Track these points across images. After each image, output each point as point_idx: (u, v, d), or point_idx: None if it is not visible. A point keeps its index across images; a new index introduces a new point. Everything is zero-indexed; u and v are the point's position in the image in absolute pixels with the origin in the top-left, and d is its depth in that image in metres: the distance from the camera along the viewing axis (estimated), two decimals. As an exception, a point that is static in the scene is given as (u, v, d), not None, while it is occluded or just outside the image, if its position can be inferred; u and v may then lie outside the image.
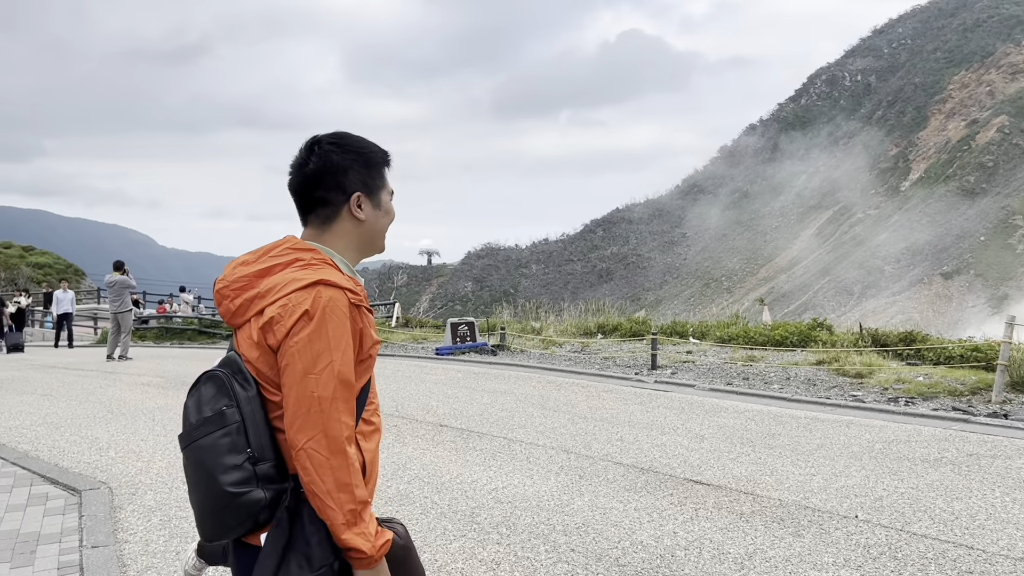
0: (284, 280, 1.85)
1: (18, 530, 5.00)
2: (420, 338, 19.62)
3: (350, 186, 1.99)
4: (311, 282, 1.82)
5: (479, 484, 6.06)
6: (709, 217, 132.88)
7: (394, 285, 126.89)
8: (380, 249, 2.13)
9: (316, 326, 1.79)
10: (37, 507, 5.51)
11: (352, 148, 2.02)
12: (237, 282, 1.91)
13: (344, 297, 1.84)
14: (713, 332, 16.19)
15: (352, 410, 1.83)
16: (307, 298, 1.80)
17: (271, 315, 1.81)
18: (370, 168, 2.04)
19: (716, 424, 8.38)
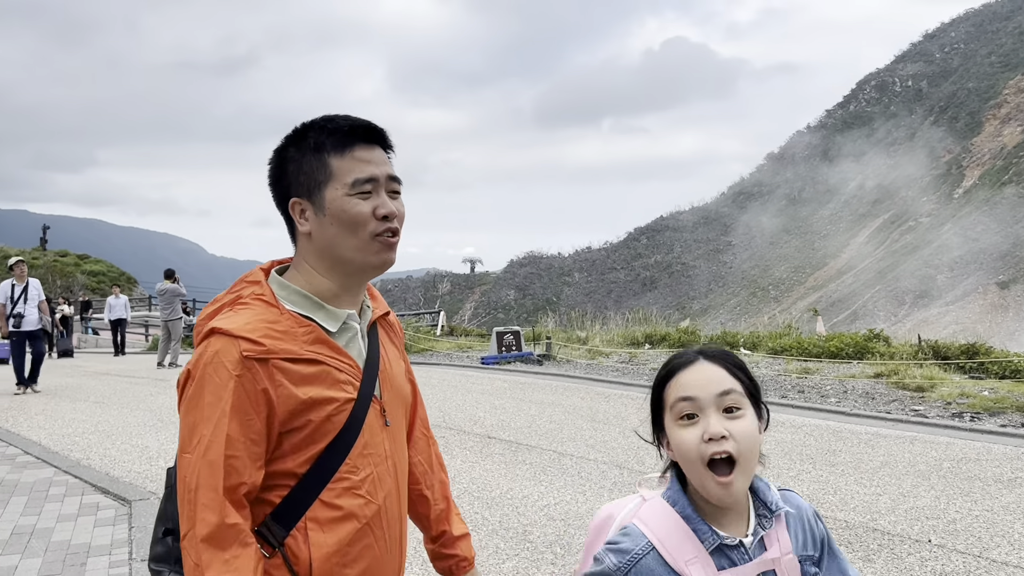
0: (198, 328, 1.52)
1: (69, 541, 4.99)
2: (465, 347, 19.55)
3: (284, 190, 1.53)
4: (206, 332, 1.44)
5: (530, 500, 5.90)
6: (756, 224, 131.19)
7: (438, 293, 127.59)
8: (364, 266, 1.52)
9: (194, 391, 1.40)
10: (88, 517, 5.50)
11: (290, 137, 1.54)
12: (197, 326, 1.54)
13: (234, 350, 1.38)
14: (765, 343, 15.82)
15: (219, 504, 1.34)
16: (195, 354, 1.44)
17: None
18: (306, 157, 1.49)
19: (773, 439, 8.10)
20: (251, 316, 1.43)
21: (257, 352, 1.39)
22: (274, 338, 1.41)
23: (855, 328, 32.57)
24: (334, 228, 1.47)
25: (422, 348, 19.22)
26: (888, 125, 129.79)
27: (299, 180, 1.49)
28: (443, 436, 8.21)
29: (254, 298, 1.47)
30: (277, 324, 1.44)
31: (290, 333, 1.44)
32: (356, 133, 1.50)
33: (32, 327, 11.89)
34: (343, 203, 1.46)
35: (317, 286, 1.51)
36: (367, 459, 1.49)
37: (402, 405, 1.66)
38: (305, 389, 1.42)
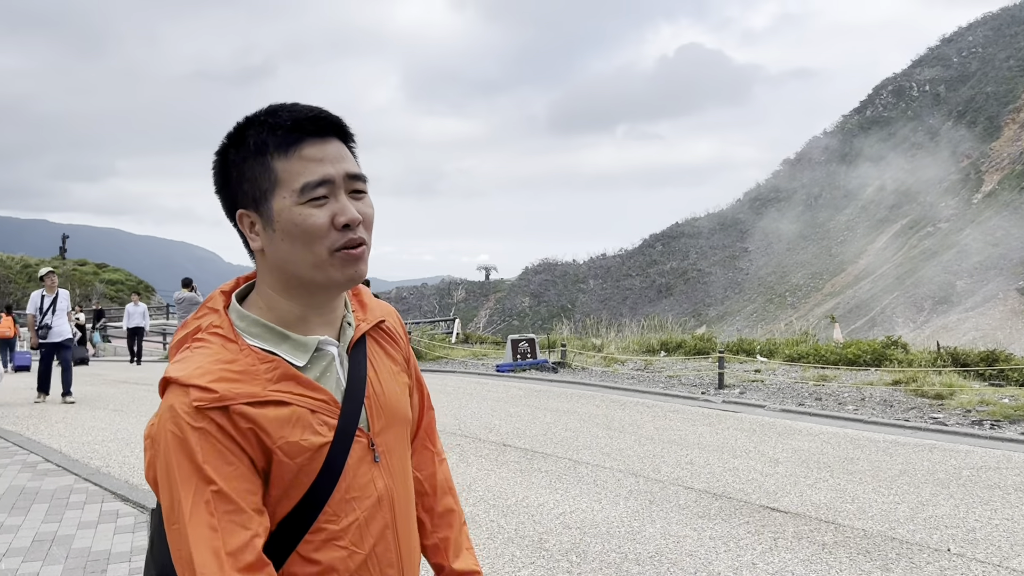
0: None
1: (89, 548, 5.04)
2: (480, 354, 19.57)
3: (230, 200, 1.28)
4: (161, 382, 1.23)
5: (546, 508, 5.90)
6: (773, 230, 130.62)
7: (453, 301, 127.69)
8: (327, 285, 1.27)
9: (161, 458, 1.18)
10: (108, 524, 5.55)
11: (230, 137, 1.28)
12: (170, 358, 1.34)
13: (185, 401, 1.17)
14: (782, 350, 15.74)
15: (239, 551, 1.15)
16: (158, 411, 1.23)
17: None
18: (247, 161, 1.24)
19: (790, 447, 8.06)
20: (204, 357, 1.21)
21: (209, 401, 1.16)
22: (230, 380, 1.19)
23: (873, 335, 32.36)
24: (286, 244, 1.22)
25: (437, 356, 19.26)
26: (906, 130, 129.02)
27: (243, 188, 1.24)
28: (459, 444, 8.23)
29: (211, 332, 1.25)
30: (234, 364, 1.21)
31: (249, 373, 1.21)
32: (302, 127, 1.23)
33: (60, 338, 11.90)
34: (292, 214, 1.21)
35: (279, 311, 1.28)
36: (350, 504, 1.28)
37: (401, 429, 1.41)
38: (272, 438, 1.20)
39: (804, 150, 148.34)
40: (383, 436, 1.35)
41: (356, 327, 1.37)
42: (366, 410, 1.33)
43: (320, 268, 1.23)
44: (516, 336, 17.19)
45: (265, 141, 1.22)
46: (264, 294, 1.29)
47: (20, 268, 47.53)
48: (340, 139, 1.27)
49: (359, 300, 1.44)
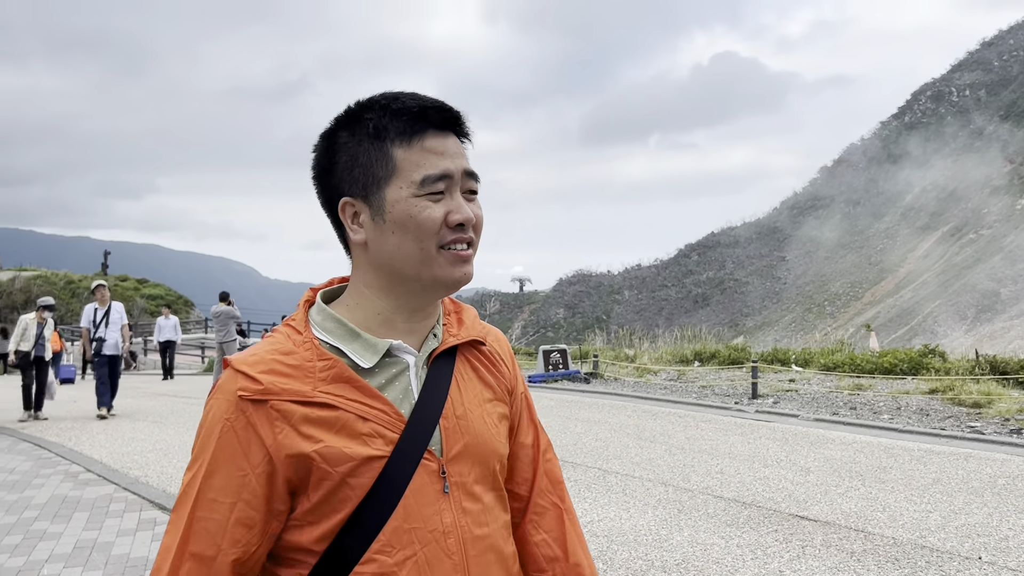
0: None
1: (128, 554, 5.18)
2: (513, 366, 19.58)
3: (333, 187, 1.20)
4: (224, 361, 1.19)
5: (573, 516, 5.93)
6: (810, 239, 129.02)
7: (487, 312, 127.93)
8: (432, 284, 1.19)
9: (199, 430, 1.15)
10: (146, 532, 5.71)
11: (343, 119, 1.20)
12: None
13: (232, 387, 1.12)
14: (817, 359, 15.57)
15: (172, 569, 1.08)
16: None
17: None
18: (362, 145, 1.16)
19: (822, 456, 7.99)
20: (267, 346, 1.16)
21: (252, 392, 1.10)
22: (280, 374, 1.11)
23: (915, 344, 31.78)
24: (396, 237, 1.14)
25: (471, 367, 19.36)
26: (945, 135, 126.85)
27: (353, 175, 1.16)
28: (489, 454, 8.30)
29: (286, 325, 1.20)
30: (290, 356, 1.13)
31: (303, 368, 1.13)
32: (427, 116, 1.16)
33: (112, 351, 11.94)
34: (408, 206, 1.13)
35: (366, 310, 1.20)
36: (409, 535, 1.13)
37: (485, 462, 1.23)
38: (311, 442, 1.10)
39: (842, 157, 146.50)
40: (458, 465, 1.19)
41: (443, 340, 1.25)
42: (441, 431, 1.18)
43: (427, 264, 1.15)
44: (548, 347, 17.24)
45: (386, 126, 1.15)
46: (356, 292, 1.21)
47: (64, 284, 48.68)
48: (458, 136, 1.20)
49: (458, 317, 1.31)
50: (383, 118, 1.15)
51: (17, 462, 8.32)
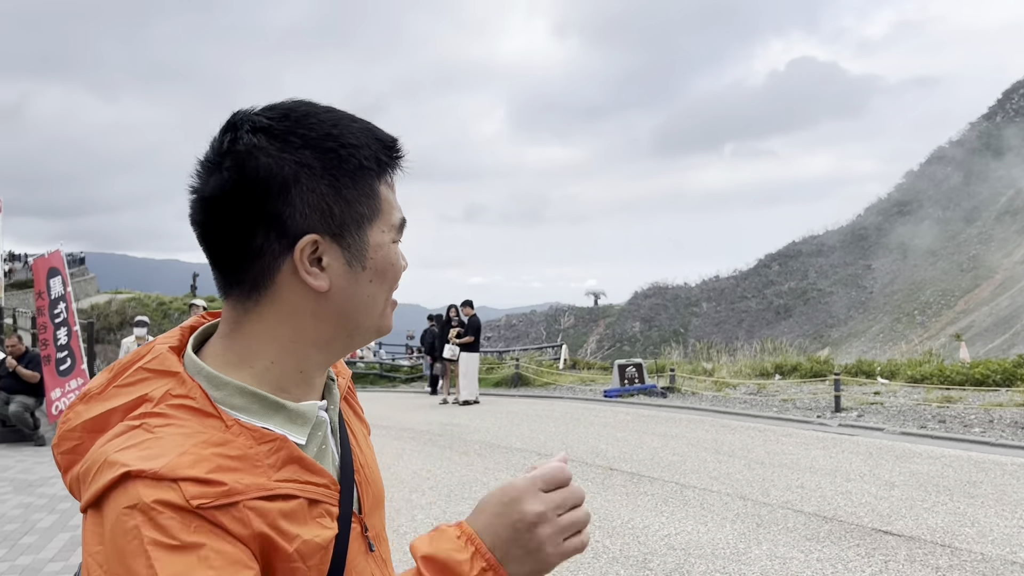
0: (97, 460, 0.86)
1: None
2: (587, 380, 19.65)
3: (297, 219, 0.92)
4: (110, 481, 0.82)
5: (651, 530, 5.98)
6: (898, 246, 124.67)
7: (561, 327, 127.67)
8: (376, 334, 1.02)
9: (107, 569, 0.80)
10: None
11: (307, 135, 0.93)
12: (65, 441, 0.95)
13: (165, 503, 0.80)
14: (903, 371, 15.11)
15: None
16: (102, 521, 0.82)
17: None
18: (342, 177, 0.94)
19: (908, 471, 7.80)
20: (183, 439, 0.86)
21: (215, 497, 0.82)
22: (231, 470, 0.86)
23: (1013, 354, 30.39)
24: (372, 286, 0.98)
25: (545, 382, 19.46)
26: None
27: (327, 208, 0.93)
28: (566, 468, 8.38)
29: (175, 405, 0.90)
30: (227, 447, 0.88)
31: (249, 459, 0.88)
32: (397, 151, 1.00)
33: None
34: (390, 252, 0.99)
35: (287, 368, 0.97)
36: None
37: (382, 508, 1.12)
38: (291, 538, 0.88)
39: (929, 160, 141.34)
40: (372, 518, 1.06)
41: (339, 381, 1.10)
42: (357, 488, 1.04)
43: (384, 315, 1.01)
44: (623, 361, 17.22)
45: (376, 157, 0.96)
46: (270, 349, 0.96)
47: (156, 305, 50.89)
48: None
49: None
50: (368, 148, 0.96)
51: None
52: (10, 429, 10.95)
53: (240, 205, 0.91)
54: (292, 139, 0.92)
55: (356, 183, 0.95)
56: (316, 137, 0.93)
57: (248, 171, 0.91)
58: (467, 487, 7.58)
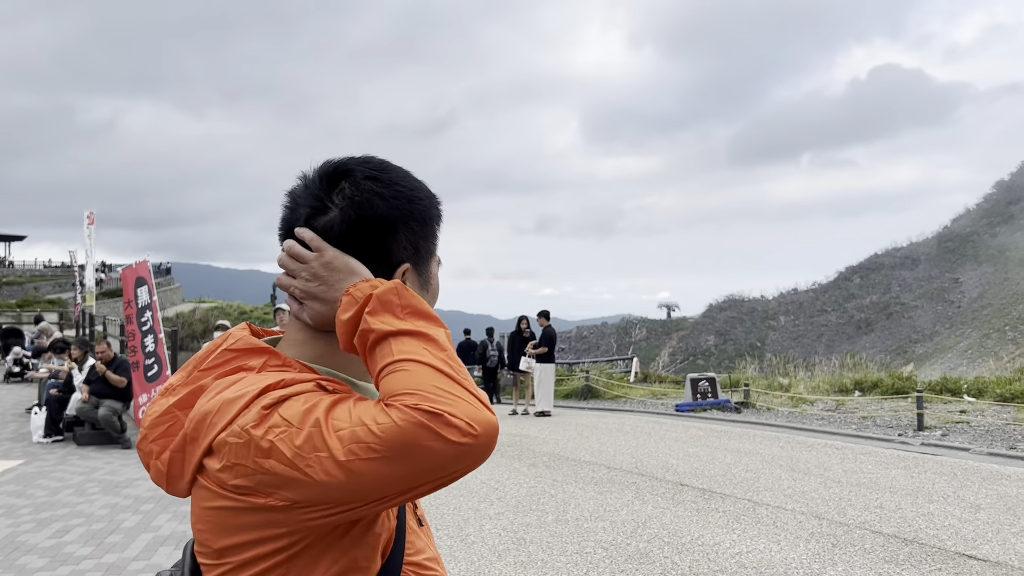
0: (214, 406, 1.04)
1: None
2: (659, 394, 19.41)
3: (398, 252, 1.21)
4: (247, 400, 1.02)
5: (722, 547, 5.87)
6: (987, 259, 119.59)
7: (632, 340, 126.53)
8: None
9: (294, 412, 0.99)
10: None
11: (402, 188, 1.22)
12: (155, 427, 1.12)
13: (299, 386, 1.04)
14: (992, 389, 14.47)
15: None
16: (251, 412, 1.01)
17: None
18: (426, 223, 1.25)
19: (995, 493, 7.46)
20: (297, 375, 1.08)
21: (332, 381, 1.08)
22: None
23: (1111, 372, 28.75)
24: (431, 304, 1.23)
25: (615, 395, 19.31)
26: None
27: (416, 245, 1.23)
28: (635, 482, 8.30)
29: (278, 369, 1.11)
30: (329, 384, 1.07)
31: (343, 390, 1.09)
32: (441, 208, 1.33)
33: None
34: (438, 280, 1.30)
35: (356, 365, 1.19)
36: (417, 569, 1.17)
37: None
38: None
39: (1020, 170, 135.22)
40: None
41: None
42: None
43: None
44: (696, 375, 16.96)
45: (439, 210, 1.29)
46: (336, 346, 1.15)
47: (238, 314, 52.50)
48: None
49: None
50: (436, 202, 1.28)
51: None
52: (99, 432, 11.45)
53: (358, 240, 1.18)
54: (397, 189, 1.21)
55: (427, 227, 1.25)
56: (409, 190, 1.23)
57: (367, 213, 1.18)
58: (535, 499, 7.58)
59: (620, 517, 6.81)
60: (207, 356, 1.16)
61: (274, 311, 11.54)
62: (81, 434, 11.48)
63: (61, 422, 11.80)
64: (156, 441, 1.11)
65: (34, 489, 8.41)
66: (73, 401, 11.71)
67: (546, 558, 5.66)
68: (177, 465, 1.08)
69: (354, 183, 1.19)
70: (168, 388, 1.15)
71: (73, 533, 6.58)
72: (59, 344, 13.51)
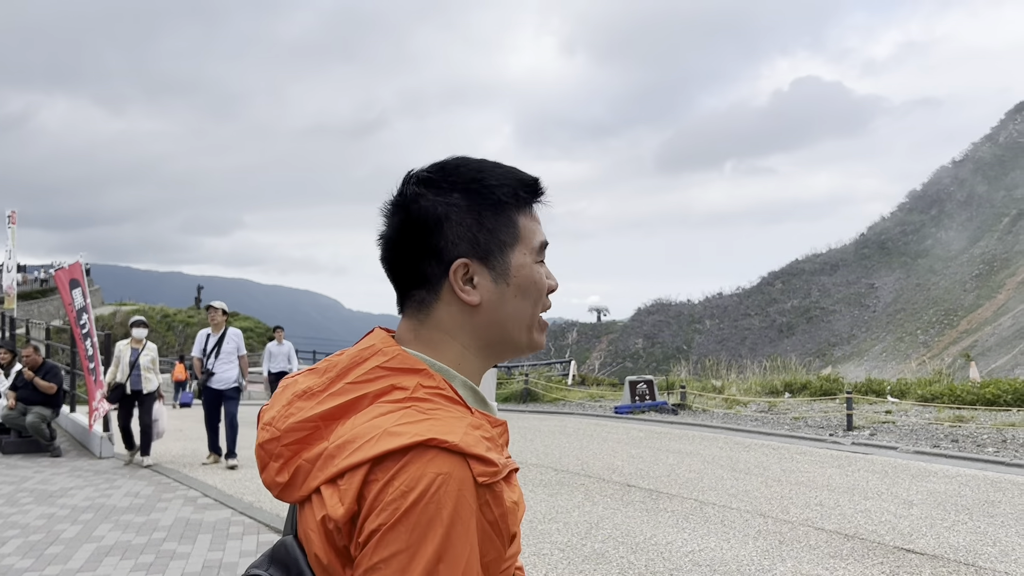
0: (368, 432, 1.00)
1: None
2: (597, 396, 19.67)
3: (449, 248, 1.14)
4: (407, 444, 0.96)
5: (674, 546, 6.01)
6: (900, 265, 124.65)
7: (567, 342, 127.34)
8: (523, 348, 1.20)
9: (409, 533, 0.93)
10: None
11: (456, 180, 1.16)
12: (293, 432, 1.07)
13: (468, 477, 0.96)
14: (914, 390, 15.15)
15: None
16: (400, 476, 0.95)
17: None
18: (485, 211, 1.15)
19: (925, 489, 7.84)
20: (456, 422, 1.01)
21: (491, 476, 0.98)
22: (493, 450, 1.02)
23: (1017, 374, 30.36)
24: (517, 301, 1.16)
25: (554, 397, 19.48)
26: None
27: (475, 237, 1.14)
28: (583, 483, 8.42)
29: (432, 394, 1.06)
30: (482, 430, 1.04)
31: (494, 440, 1.05)
32: (536, 189, 1.21)
33: (223, 385, 10.26)
34: (532, 271, 1.17)
35: (468, 371, 1.16)
36: None
37: None
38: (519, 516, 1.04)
39: (931, 181, 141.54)
40: None
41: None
42: None
43: (531, 329, 1.19)
44: (634, 378, 17.25)
45: (515, 193, 1.17)
46: (454, 353, 1.15)
47: (160, 318, 50.94)
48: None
49: None
50: (507, 187, 1.17)
51: (140, 487, 8.86)
52: (26, 439, 11.00)
53: (409, 241, 1.15)
54: (444, 185, 1.15)
55: (497, 215, 1.15)
56: (463, 181, 1.16)
57: (412, 214, 1.15)
58: (487, 502, 7.62)
59: (572, 519, 6.90)
60: (353, 367, 1.10)
61: (207, 308, 10.61)
62: (7, 442, 11.02)
63: (-16, 430, 11.29)
64: (290, 446, 1.06)
65: (-39, 500, 8.04)
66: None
67: (505, 560, 5.70)
68: (303, 475, 1.04)
69: (405, 189, 1.17)
70: (306, 392, 1.10)
71: (9, 545, 6.33)
72: (-19, 349, 12.88)
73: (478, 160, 1.20)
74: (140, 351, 10.24)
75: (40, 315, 37.70)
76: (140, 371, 10.14)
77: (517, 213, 1.17)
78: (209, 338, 10.32)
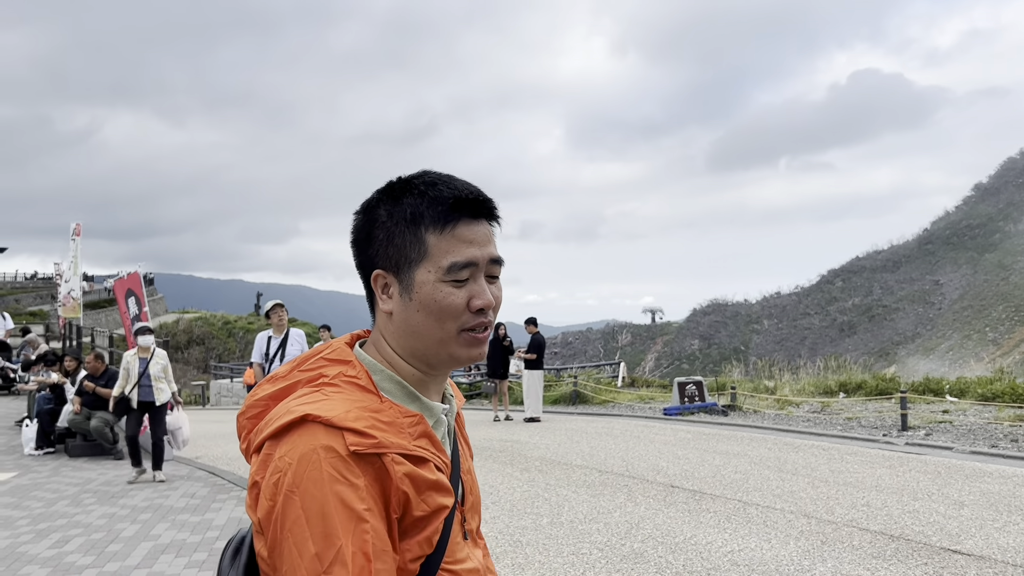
0: (279, 411, 1.17)
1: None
2: (646, 398, 19.58)
3: (368, 257, 1.27)
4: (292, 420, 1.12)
5: (714, 546, 6.01)
6: (966, 261, 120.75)
7: (618, 345, 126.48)
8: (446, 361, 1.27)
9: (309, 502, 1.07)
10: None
11: (388, 196, 1.26)
12: (252, 408, 1.25)
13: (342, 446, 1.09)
14: (974, 389, 14.73)
15: None
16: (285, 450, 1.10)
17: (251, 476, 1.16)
18: (397, 228, 1.23)
19: (978, 490, 7.65)
20: (348, 402, 1.15)
21: (367, 447, 1.10)
22: (381, 430, 1.13)
23: (1089, 371, 29.23)
24: (420, 315, 1.22)
25: (603, 399, 19.46)
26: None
27: (387, 251, 1.23)
28: (626, 484, 8.44)
29: (345, 382, 1.20)
30: (380, 414, 1.16)
31: (395, 425, 1.16)
32: (461, 207, 1.22)
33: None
34: (434, 290, 1.21)
35: (403, 372, 1.26)
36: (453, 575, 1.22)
37: (478, 512, 1.41)
38: (424, 495, 1.15)
39: (999, 173, 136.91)
40: (470, 515, 1.35)
41: (455, 403, 1.38)
42: (462, 483, 1.32)
43: (444, 344, 1.23)
44: (683, 379, 17.13)
45: (423, 213, 1.21)
46: (386, 353, 1.26)
47: (221, 324, 52.20)
48: (489, 220, 1.27)
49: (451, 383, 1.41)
50: (420, 204, 1.21)
51: (196, 488, 9.17)
52: (91, 443, 11.47)
53: (354, 251, 1.30)
54: (382, 200, 1.26)
55: (405, 233, 1.22)
56: (391, 198, 1.25)
57: (353, 226, 1.29)
58: (530, 502, 7.70)
59: (613, 519, 6.94)
60: (308, 358, 1.27)
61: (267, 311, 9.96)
62: (73, 445, 11.50)
63: (52, 434, 11.81)
64: (249, 419, 1.25)
65: (30, 501, 8.44)
66: (65, 413, 11.72)
67: (543, 560, 5.77)
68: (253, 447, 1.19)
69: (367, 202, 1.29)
70: (272, 377, 1.28)
71: (73, 543, 6.64)
72: (50, 356, 13.49)
73: (427, 176, 1.26)
74: (149, 360, 9.67)
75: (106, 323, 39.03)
76: (151, 382, 9.62)
77: (427, 232, 1.21)
78: (271, 340, 9.57)
